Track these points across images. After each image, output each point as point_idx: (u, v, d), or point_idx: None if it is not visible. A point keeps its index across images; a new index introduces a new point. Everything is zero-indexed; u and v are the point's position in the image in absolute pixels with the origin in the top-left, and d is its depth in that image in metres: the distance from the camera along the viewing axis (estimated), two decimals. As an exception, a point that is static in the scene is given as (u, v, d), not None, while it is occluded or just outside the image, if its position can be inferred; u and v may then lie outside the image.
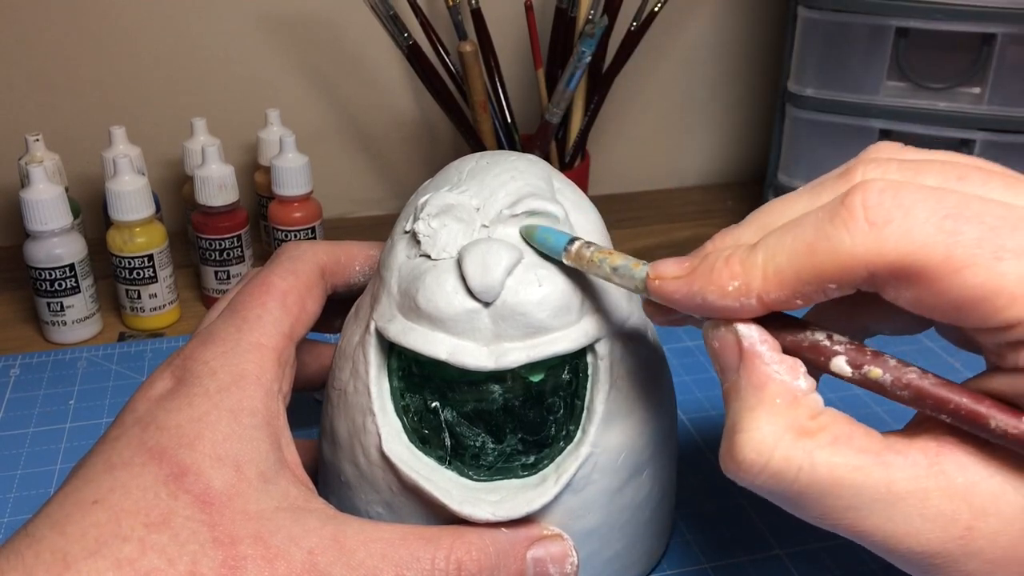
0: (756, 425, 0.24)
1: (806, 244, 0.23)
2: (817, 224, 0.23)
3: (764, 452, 0.24)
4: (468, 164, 0.33)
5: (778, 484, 0.24)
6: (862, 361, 0.24)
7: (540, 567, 0.30)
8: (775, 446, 0.24)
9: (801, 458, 0.23)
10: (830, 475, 0.23)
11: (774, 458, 0.23)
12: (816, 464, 0.23)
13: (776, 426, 0.24)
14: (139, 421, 0.29)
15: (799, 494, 0.24)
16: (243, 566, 0.26)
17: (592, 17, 0.57)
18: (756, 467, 0.24)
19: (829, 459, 0.23)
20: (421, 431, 0.32)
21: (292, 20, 0.66)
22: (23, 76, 0.63)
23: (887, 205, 0.22)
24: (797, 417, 0.24)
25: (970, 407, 0.23)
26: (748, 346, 0.25)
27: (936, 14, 0.55)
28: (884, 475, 0.23)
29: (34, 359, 0.51)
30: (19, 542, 0.26)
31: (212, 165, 0.53)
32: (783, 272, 0.24)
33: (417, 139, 0.72)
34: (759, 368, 0.25)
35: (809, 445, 0.23)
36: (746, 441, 0.24)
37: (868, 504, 0.23)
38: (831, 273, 0.23)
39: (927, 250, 0.22)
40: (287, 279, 0.34)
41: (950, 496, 0.23)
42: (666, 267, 0.26)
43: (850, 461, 0.23)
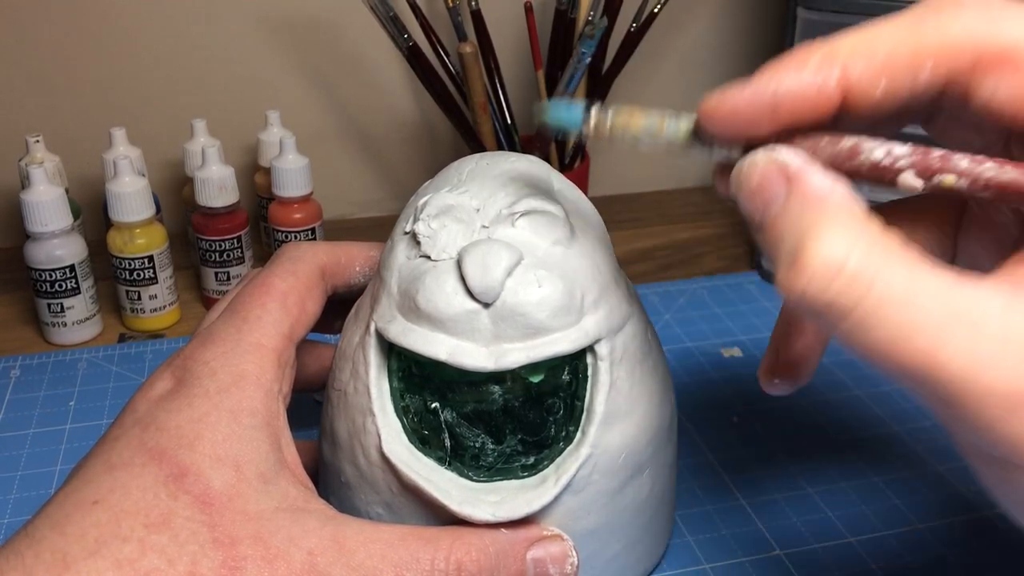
0: (826, 234, 0.21)
1: (911, 22, 0.21)
2: (923, 9, 0.22)
3: (837, 261, 0.21)
4: (468, 165, 0.33)
5: (849, 298, 0.21)
6: (931, 170, 0.21)
7: (540, 567, 0.30)
8: (848, 254, 0.21)
9: (877, 267, 0.21)
10: (908, 288, 0.21)
11: (849, 264, 0.21)
12: (893, 277, 0.21)
13: (848, 234, 0.21)
14: (139, 422, 0.29)
15: (871, 312, 0.21)
16: (243, 567, 0.26)
17: (592, 18, 0.57)
18: (827, 278, 0.21)
19: (906, 272, 0.21)
20: (421, 432, 0.32)
21: (292, 21, 0.66)
22: (23, 77, 0.63)
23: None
24: (869, 227, 0.21)
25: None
26: (797, 169, 0.23)
27: (936, 15, 0.55)
28: (965, 299, 0.20)
29: (34, 360, 0.51)
30: (19, 542, 0.26)
31: (212, 166, 0.53)
32: (877, 43, 0.22)
33: (417, 140, 0.72)
34: (815, 183, 0.22)
35: (884, 256, 0.21)
36: (816, 253, 0.21)
37: (949, 329, 0.20)
38: (934, 49, 0.21)
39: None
40: (287, 280, 0.34)
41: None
42: (718, 93, 0.24)
43: (929, 279, 0.21)
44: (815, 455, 0.44)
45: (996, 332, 0.20)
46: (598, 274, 0.31)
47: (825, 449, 0.44)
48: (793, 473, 0.42)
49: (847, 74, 0.22)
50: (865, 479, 0.42)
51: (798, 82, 0.22)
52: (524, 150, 0.59)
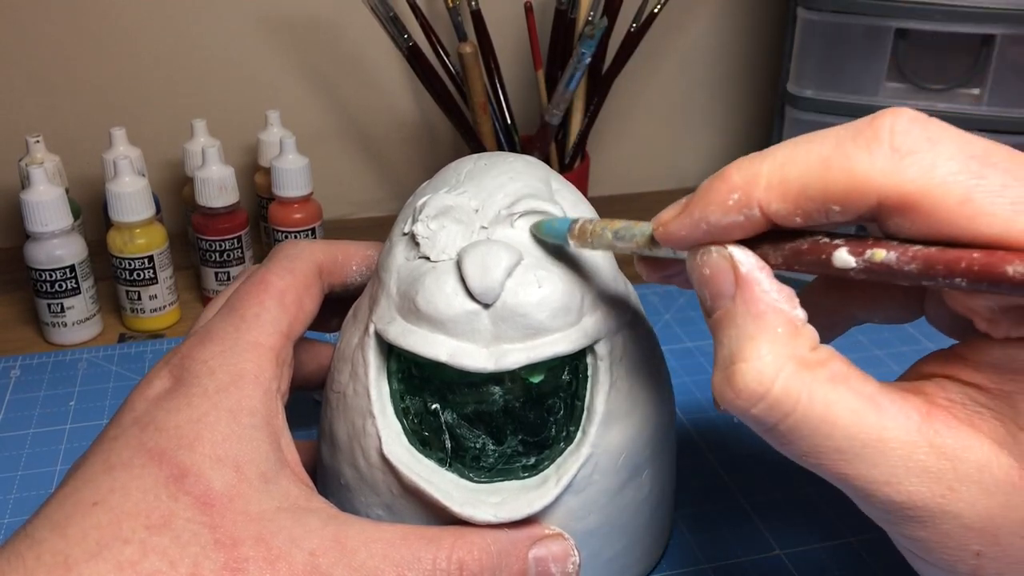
0: (757, 354, 0.23)
1: (821, 158, 0.22)
2: (838, 141, 0.22)
3: (765, 381, 0.23)
4: (466, 166, 0.33)
5: (773, 416, 0.23)
6: (864, 247, 0.22)
7: (542, 566, 0.30)
8: (776, 376, 0.23)
9: (800, 390, 0.23)
10: (825, 412, 0.23)
11: (774, 388, 0.23)
12: (814, 399, 0.23)
13: (777, 356, 0.23)
14: (138, 421, 0.29)
15: (792, 428, 0.23)
16: (245, 568, 0.26)
17: (592, 18, 0.57)
18: (756, 396, 0.23)
19: (826, 396, 0.23)
20: (421, 433, 0.32)
21: (292, 21, 0.66)
22: (24, 77, 0.63)
23: (915, 134, 0.21)
24: (798, 348, 0.23)
25: (985, 259, 0.20)
26: (745, 272, 0.24)
27: (935, 15, 0.55)
28: (877, 422, 0.23)
29: (34, 360, 0.51)
30: (19, 543, 0.26)
31: (212, 166, 0.53)
32: (789, 183, 0.23)
33: (417, 140, 0.72)
34: (758, 295, 0.24)
35: (808, 378, 0.23)
36: (747, 370, 0.23)
37: (857, 449, 0.23)
38: (840, 192, 0.22)
39: (945, 189, 0.21)
40: (285, 278, 0.34)
41: (938, 455, 0.23)
42: (665, 212, 0.26)
43: (846, 402, 0.23)
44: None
45: (899, 456, 0.23)
46: (597, 274, 0.32)
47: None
48: (793, 473, 0.42)
49: (765, 211, 0.23)
50: (865, 479, 0.42)
51: (724, 220, 0.24)
52: (524, 150, 0.59)
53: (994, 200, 0.20)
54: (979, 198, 0.20)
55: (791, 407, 0.23)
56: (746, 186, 0.23)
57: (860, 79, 0.59)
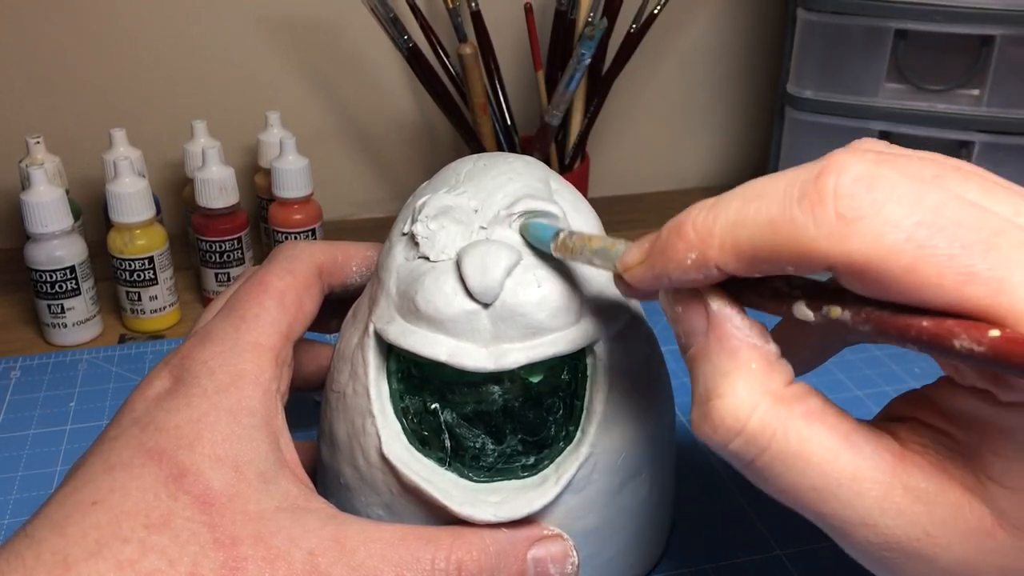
0: (732, 390, 0.23)
1: (770, 221, 0.22)
2: (784, 202, 0.22)
3: (741, 417, 0.23)
4: (466, 166, 0.34)
5: (749, 451, 0.23)
6: (821, 303, 0.23)
7: (541, 567, 0.30)
8: (752, 412, 0.23)
9: (775, 426, 0.23)
10: (800, 450, 0.23)
11: (750, 423, 0.23)
12: (789, 435, 0.23)
13: (752, 391, 0.23)
14: (137, 421, 0.29)
15: (767, 465, 0.23)
16: (244, 567, 0.26)
17: (592, 19, 0.57)
18: (732, 432, 0.23)
19: (800, 432, 0.23)
20: (421, 433, 0.32)
21: (292, 22, 0.66)
22: (24, 78, 0.63)
23: (860, 197, 0.21)
24: (772, 383, 0.23)
25: (933, 329, 0.20)
26: (716, 309, 0.24)
27: (935, 16, 0.55)
28: (851, 461, 0.23)
29: (34, 361, 0.51)
30: (19, 543, 0.26)
31: (212, 167, 0.54)
32: (740, 246, 0.23)
33: (417, 141, 0.72)
34: (730, 332, 0.24)
35: (783, 414, 0.23)
36: (722, 406, 0.23)
37: (832, 487, 0.23)
38: (790, 258, 0.22)
39: (893, 258, 0.20)
40: (284, 278, 0.34)
41: (913, 498, 0.23)
42: (630, 255, 0.26)
43: (821, 439, 0.23)
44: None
45: (874, 496, 0.23)
46: (597, 274, 0.32)
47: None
48: (793, 473, 0.42)
49: (723, 269, 0.23)
50: (865, 479, 0.42)
51: (684, 277, 0.24)
52: (524, 151, 0.59)
53: (941, 271, 0.20)
54: (925, 269, 0.20)
55: (766, 443, 0.23)
56: (702, 246, 0.23)
57: (860, 80, 0.59)
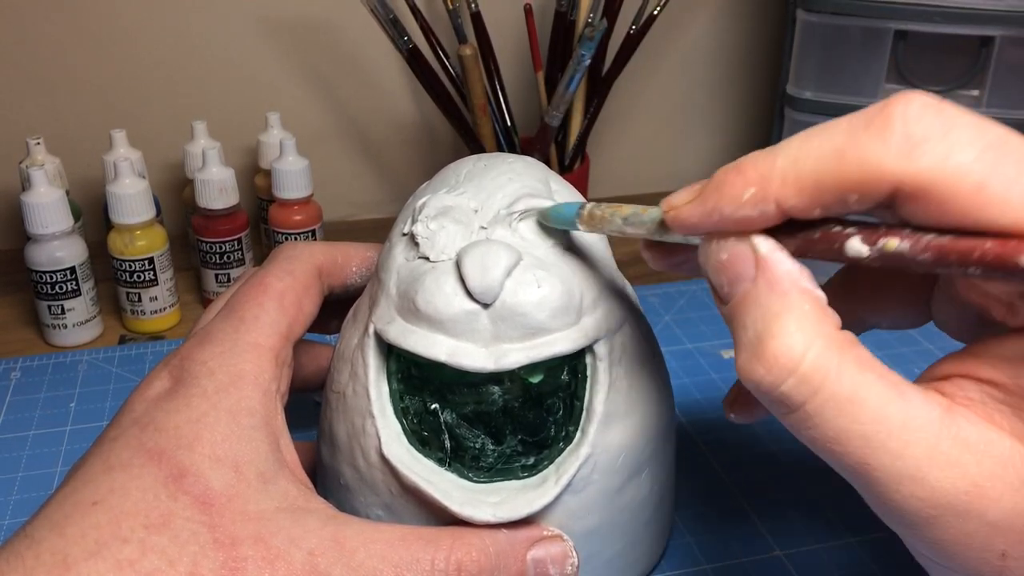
0: (786, 330, 0.22)
1: (834, 149, 0.22)
2: (850, 130, 0.22)
3: (795, 356, 0.22)
4: (466, 166, 0.34)
5: (802, 393, 0.22)
6: (876, 236, 0.22)
7: (540, 568, 0.30)
8: (806, 351, 0.22)
9: (828, 368, 0.22)
10: (853, 393, 0.22)
11: (805, 363, 0.22)
12: (843, 378, 0.22)
13: (806, 332, 0.22)
14: (137, 422, 0.29)
15: (819, 408, 0.22)
16: (244, 567, 0.26)
17: (591, 20, 0.57)
18: (786, 371, 0.22)
19: (854, 377, 0.22)
20: (421, 433, 0.32)
21: (292, 23, 0.66)
22: (24, 79, 0.63)
23: (928, 121, 0.21)
24: (825, 326, 0.23)
25: (998, 248, 0.20)
26: (766, 252, 0.23)
27: (935, 17, 0.55)
28: (902, 410, 0.22)
29: (35, 362, 0.51)
30: (19, 543, 0.26)
31: (212, 168, 0.54)
32: (803, 178, 0.22)
33: (417, 142, 0.72)
34: (781, 275, 0.23)
35: (837, 357, 0.22)
36: (776, 346, 0.22)
37: (882, 436, 0.22)
38: (856, 183, 0.22)
39: (960, 176, 0.20)
40: (284, 279, 0.34)
41: (961, 448, 0.22)
42: (678, 196, 0.25)
43: (873, 385, 0.22)
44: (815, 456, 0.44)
45: (924, 447, 0.22)
46: (597, 274, 0.32)
47: (825, 450, 0.44)
48: (793, 473, 0.42)
49: (781, 206, 0.23)
50: (865, 480, 0.42)
51: (738, 213, 0.23)
52: (524, 151, 0.59)
53: (1009, 188, 0.20)
54: (993, 186, 0.20)
55: (819, 384, 0.22)
56: (761, 181, 0.23)
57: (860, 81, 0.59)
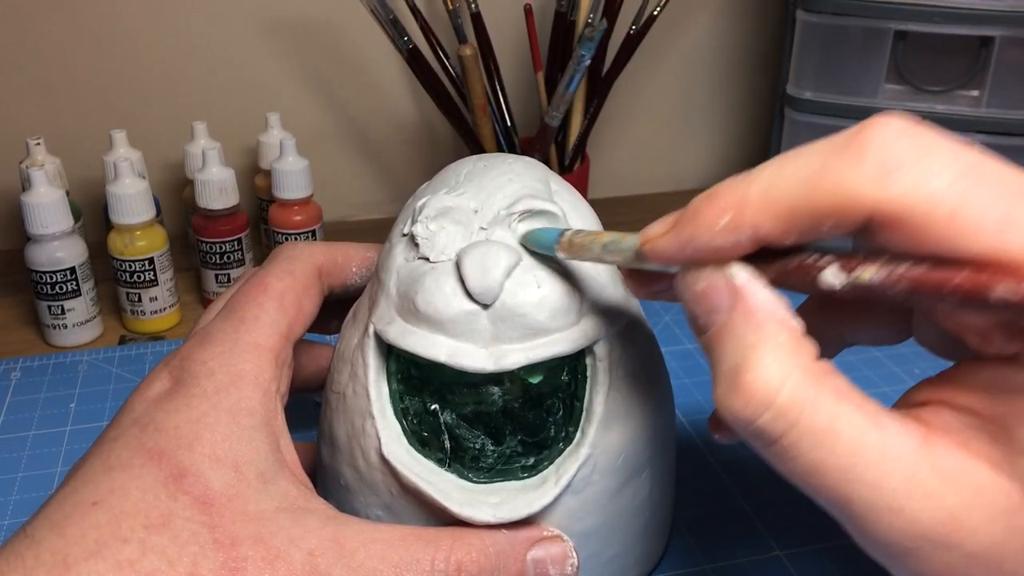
0: (763, 363, 0.22)
1: (809, 175, 0.22)
2: (825, 155, 0.22)
3: (771, 390, 0.22)
4: (465, 167, 0.34)
5: (778, 426, 0.22)
6: (852, 265, 0.22)
7: (540, 568, 0.30)
8: (782, 384, 0.22)
9: (804, 400, 0.22)
10: (830, 426, 0.22)
11: (781, 396, 0.22)
12: (819, 410, 0.22)
13: (783, 364, 0.22)
14: (137, 422, 0.29)
15: (795, 442, 0.22)
16: (244, 568, 0.26)
17: (591, 20, 0.57)
18: (762, 405, 0.22)
19: (830, 409, 0.22)
20: (420, 433, 0.32)
21: (292, 24, 0.66)
22: (24, 79, 0.63)
23: (903, 146, 0.21)
24: (801, 357, 0.23)
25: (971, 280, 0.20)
26: (742, 283, 0.23)
27: (934, 17, 0.55)
28: (879, 440, 0.22)
29: (35, 362, 0.51)
30: (18, 543, 0.26)
31: (212, 168, 0.54)
32: (778, 203, 0.22)
33: (417, 142, 0.72)
34: (756, 306, 0.23)
35: (813, 389, 0.22)
36: (752, 379, 0.22)
37: (859, 468, 0.22)
38: (830, 210, 0.22)
39: (934, 203, 0.20)
40: (284, 279, 0.34)
41: (939, 478, 0.22)
42: (653, 228, 0.25)
43: (850, 416, 0.22)
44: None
45: (901, 478, 0.22)
46: (597, 274, 0.32)
47: (825, 450, 0.44)
48: (793, 474, 0.42)
49: (756, 232, 0.23)
50: (865, 480, 0.42)
51: (713, 242, 0.23)
52: (524, 152, 0.59)
53: (982, 215, 0.20)
54: (967, 213, 0.20)
55: (795, 418, 0.22)
56: (736, 207, 0.23)
57: (859, 81, 0.59)
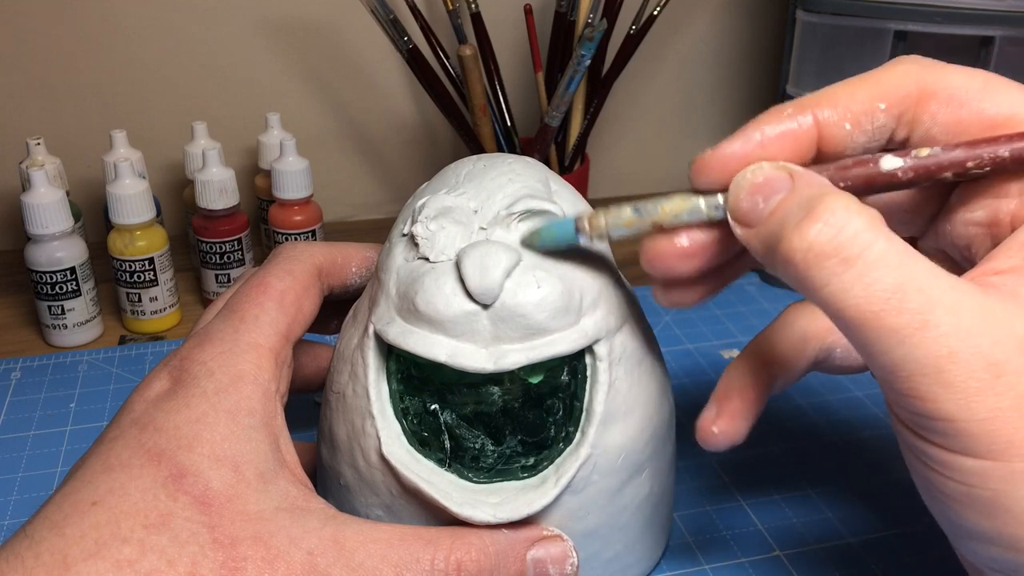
0: (836, 202, 0.23)
1: (866, 75, 0.27)
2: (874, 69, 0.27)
3: (843, 220, 0.23)
4: (465, 167, 0.34)
5: (863, 240, 0.23)
6: (905, 152, 0.25)
7: (540, 568, 0.30)
8: (852, 219, 0.23)
9: (876, 236, 0.23)
10: (902, 262, 0.23)
11: (851, 226, 0.23)
12: (891, 248, 0.23)
13: (852, 207, 0.23)
14: (137, 422, 0.29)
15: (869, 267, 0.23)
16: (243, 567, 0.26)
17: (591, 21, 0.57)
18: (844, 219, 0.23)
19: (903, 249, 0.23)
20: (420, 433, 0.32)
21: (292, 24, 0.66)
22: (24, 80, 0.64)
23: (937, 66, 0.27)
24: (866, 209, 0.24)
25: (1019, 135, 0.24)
26: (801, 171, 0.25)
27: (934, 17, 0.55)
28: (950, 282, 0.23)
29: (35, 362, 0.51)
30: (18, 544, 0.26)
31: (213, 169, 0.54)
32: (838, 94, 0.26)
33: (417, 143, 0.72)
34: (816, 179, 0.25)
35: (883, 232, 0.23)
36: (827, 208, 0.23)
37: (938, 291, 0.22)
38: (884, 93, 0.26)
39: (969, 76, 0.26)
40: (284, 280, 0.34)
41: (1014, 307, 0.23)
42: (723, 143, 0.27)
43: (919, 260, 0.23)
44: (815, 456, 0.44)
45: (978, 302, 0.22)
46: (596, 274, 0.32)
47: (825, 450, 0.44)
48: (793, 474, 0.42)
49: (818, 119, 0.26)
50: (865, 480, 0.42)
51: (779, 128, 0.26)
52: (524, 152, 0.59)
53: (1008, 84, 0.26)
54: (995, 82, 0.26)
55: (868, 244, 0.23)
56: (799, 101, 0.26)
57: (859, 81, 0.59)
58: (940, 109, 0.26)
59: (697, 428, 0.31)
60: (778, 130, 0.26)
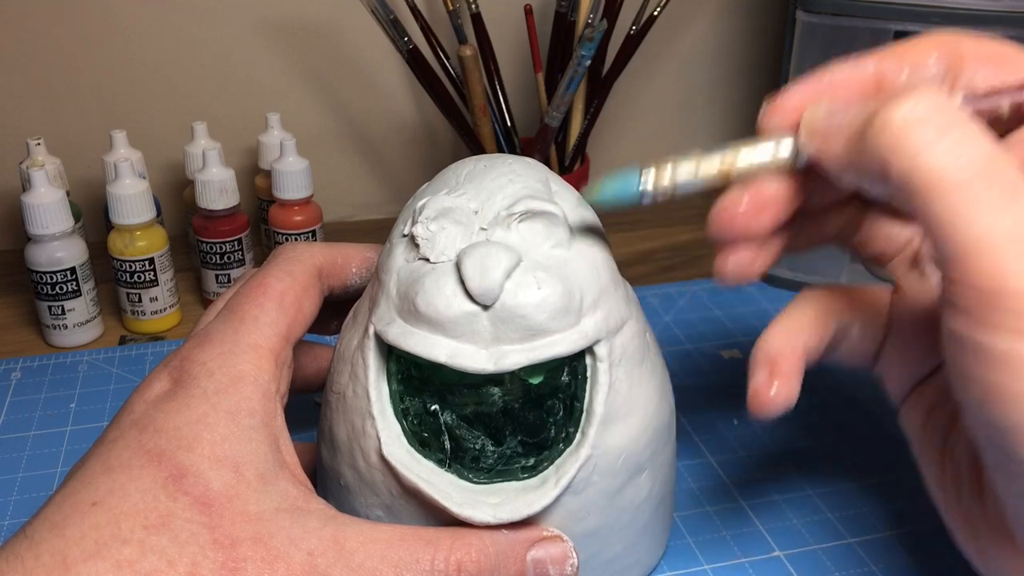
0: (923, 88, 0.24)
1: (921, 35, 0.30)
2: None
3: (940, 98, 0.24)
4: (466, 167, 0.34)
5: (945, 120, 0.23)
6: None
7: (540, 568, 0.30)
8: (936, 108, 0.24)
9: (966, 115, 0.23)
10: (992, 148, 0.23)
11: (946, 105, 0.24)
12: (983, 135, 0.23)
13: (939, 97, 0.24)
14: (136, 423, 0.29)
15: (962, 140, 0.23)
16: (243, 568, 0.26)
17: (591, 21, 0.57)
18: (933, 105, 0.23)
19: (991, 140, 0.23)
20: (421, 434, 0.32)
21: (292, 24, 0.66)
22: (24, 80, 0.64)
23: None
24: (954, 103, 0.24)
25: None
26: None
27: (934, 18, 0.55)
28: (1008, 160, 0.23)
29: (35, 363, 0.51)
30: (18, 544, 0.26)
31: (213, 169, 0.54)
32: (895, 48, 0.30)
33: (417, 143, 0.72)
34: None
35: (973, 124, 0.23)
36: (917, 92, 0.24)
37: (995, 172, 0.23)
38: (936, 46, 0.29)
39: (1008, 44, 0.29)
40: (284, 280, 0.34)
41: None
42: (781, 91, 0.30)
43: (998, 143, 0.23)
44: (815, 456, 0.44)
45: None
46: (597, 275, 0.32)
47: (825, 450, 0.44)
48: (793, 474, 0.42)
49: (879, 67, 0.29)
50: (865, 480, 0.42)
51: (844, 71, 0.29)
52: (524, 152, 0.59)
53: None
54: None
55: (964, 120, 0.23)
56: (861, 53, 0.29)
57: (859, 81, 0.59)
58: (980, 70, 0.28)
59: (751, 395, 0.30)
60: (845, 73, 0.29)
